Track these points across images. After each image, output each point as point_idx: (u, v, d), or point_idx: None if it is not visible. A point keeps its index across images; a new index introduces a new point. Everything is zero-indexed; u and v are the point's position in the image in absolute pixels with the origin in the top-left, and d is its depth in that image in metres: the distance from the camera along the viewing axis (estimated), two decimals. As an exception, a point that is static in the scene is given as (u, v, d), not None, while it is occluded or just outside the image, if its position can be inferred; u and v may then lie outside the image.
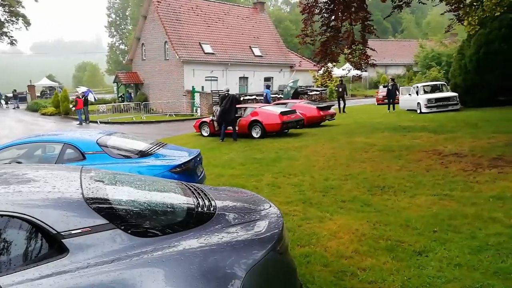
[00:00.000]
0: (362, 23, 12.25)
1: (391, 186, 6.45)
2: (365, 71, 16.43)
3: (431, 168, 7.44)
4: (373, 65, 13.93)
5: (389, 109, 19.83)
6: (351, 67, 15.90)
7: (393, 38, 61.87)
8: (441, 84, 19.93)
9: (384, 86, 19.53)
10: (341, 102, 21.81)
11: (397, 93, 20.65)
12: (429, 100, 17.85)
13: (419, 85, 19.97)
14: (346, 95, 24.50)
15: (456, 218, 4.85)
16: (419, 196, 5.84)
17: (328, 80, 14.62)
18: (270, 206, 2.87)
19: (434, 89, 19.33)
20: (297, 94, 26.06)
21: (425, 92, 19.01)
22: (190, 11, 29.91)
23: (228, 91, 14.11)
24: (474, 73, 17.19)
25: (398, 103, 20.69)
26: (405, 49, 45.32)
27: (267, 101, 21.45)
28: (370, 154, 9.25)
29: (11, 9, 29.95)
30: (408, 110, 19.68)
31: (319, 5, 12.24)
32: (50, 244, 1.99)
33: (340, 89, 22.15)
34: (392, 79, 21.17)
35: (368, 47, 12.84)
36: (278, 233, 2.43)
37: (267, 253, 2.23)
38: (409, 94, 19.72)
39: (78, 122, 22.38)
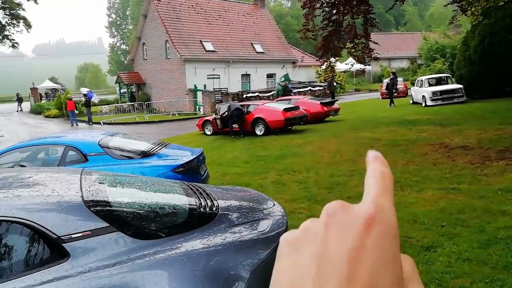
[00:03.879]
0: (364, 16, 12.16)
1: (398, 181, 6.37)
2: (369, 65, 16.34)
3: (438, 162, 7.36)
4: (377, 59, 13.81)
5: (391, 103, 19.46)
6: (354, 61, 15.82)
7: (396, 31, 61.48)
8: (446, 76, 19.68)
9: (392, 80, 19.27)
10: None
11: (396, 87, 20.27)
12: (434, 93, 17.66)
13: (424, 78, 19.75)
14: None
15: (464, 212, 4.78)
16: (426, 191, 5.77)
17: (332, 75, 14.54)
18: (274, 205, 2.83)
19: (439, 81, 19.10)
20: (289, 91, 23.04)
21: (430, 84, 18.82)
22: (190, 9, 29.83)
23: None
24: (479, 64, 17.01)
25: (397, 97, 20.42)
26: (409, 42, 44.96)
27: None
28: (376, 148, 8.92)
29: (11, 12, 29.85)
30: (413, 103, 19.53)
31: (320, -1, 12.16)
32: (51, 249, 1.97)
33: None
34: (393, 73, 20.85)
35: (371, 41, 12.73)
36: (282, 231, 2.39)
37: (271, 252, 2.20)
38: (419, 87, 19.29)
39: (70, 124, 21.91)
